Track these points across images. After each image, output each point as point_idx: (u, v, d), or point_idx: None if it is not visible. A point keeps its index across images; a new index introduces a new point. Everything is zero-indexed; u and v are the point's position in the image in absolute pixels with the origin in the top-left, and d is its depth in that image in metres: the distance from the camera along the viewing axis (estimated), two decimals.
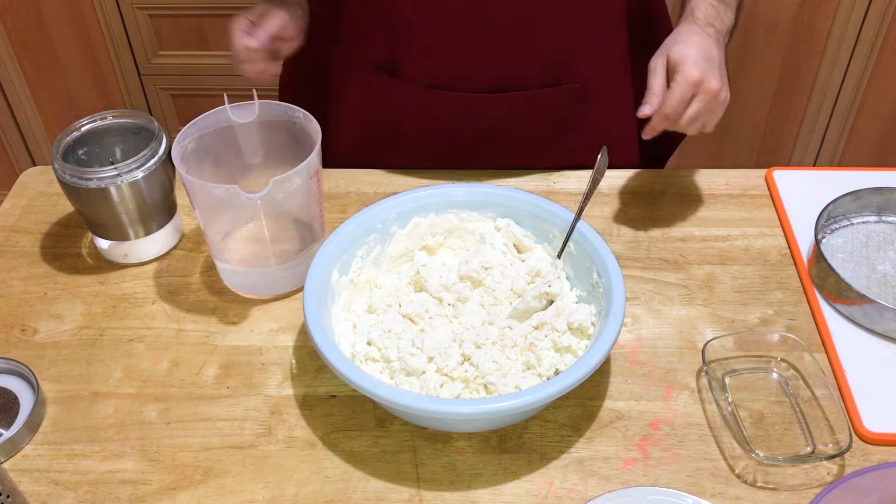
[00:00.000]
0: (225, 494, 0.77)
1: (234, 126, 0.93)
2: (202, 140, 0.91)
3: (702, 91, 0.88)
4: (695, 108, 0.89)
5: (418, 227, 0.93)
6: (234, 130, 0.93)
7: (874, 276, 0.95)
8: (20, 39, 1.95)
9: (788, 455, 0.79)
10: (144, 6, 1.89)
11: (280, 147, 0.94)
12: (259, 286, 0.95)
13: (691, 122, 0.90)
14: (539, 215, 0.92)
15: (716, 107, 0.91)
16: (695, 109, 0.89)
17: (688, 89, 0.88)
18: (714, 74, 0.89)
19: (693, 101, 0.89)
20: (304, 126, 0.92)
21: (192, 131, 0.90)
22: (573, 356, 0.83)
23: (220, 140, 0.93)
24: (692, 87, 0.88)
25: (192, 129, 0.90)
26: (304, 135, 0.91)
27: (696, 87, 0.88)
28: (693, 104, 0.89)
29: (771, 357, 0.86)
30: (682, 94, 0.88)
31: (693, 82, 0.88)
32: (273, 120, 0.93)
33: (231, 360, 0.89)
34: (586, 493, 0.77)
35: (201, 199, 0.88)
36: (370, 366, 0.84)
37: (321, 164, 0.90)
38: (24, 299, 0.96)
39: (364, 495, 0.77)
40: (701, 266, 0.98)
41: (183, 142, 0.89)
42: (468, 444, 0.81)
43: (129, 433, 0.83)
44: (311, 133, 0.90)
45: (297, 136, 0.92)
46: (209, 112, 0.91)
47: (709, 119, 0.92)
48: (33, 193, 1.10)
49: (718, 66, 0.90)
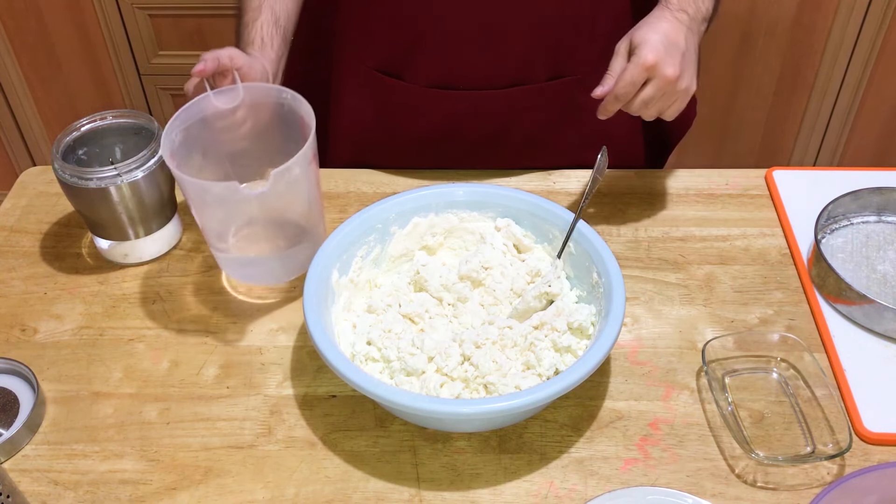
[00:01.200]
0: (225, 494, 0.77)
1: (219, 113, 0.89)
2: (188, 131, 0.88)
3: (656, 76, 0.86)
4: (647, 93, 0.88)
5: (418, 227, 0.93)
6: (219, 118, 0.89)
7: (874, 276, 0.95)
8: (20, 39, 1.95)
9: (788, 455, 0.79)
10: (144, 6, 1.89)
11: (269, 131, 0.91)
12: (258, 275, 0.94)
13: (643, 106, 0.89)
14: (539, 215, 0.92)
15: (674, 94, 0.89)
16: (647, 94, 0.88)
17: (639, 72, 0.86)
18: (672, 61, 0.87)
19: (647, 85, 0.87)
20: (294, 107, 0.88)
21: (178, 124, 0.87)
22: (573, 356, 0.83)
23: (206, 129, 0.89)
24: (644, 71, 0.86)
25: (177, 122, 0.87)
26: (294, 116, 0.88)
27: (650, 71, 0.86)
28: (646, 88, 0.87)
29: (771, 357, 0.86)
30: (633, 77, 0.86)
31: (646, 66, 0.86)
32: (260, 103, 0.90)
33: (231, 360, 0.89)
34: (586, 493, 0.77)
35: (197, 196, 0.86)
36: (370, 366, 0.84)
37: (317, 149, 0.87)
38: (24, 299, 0.96)
39: (364, 495, 0.77)
40: (701, 266, 0.98)
41: (170, 136, 0.86)
42: (468, 444, 0.81)
43: (129, 433, 0.83)
44: (303, 115, 0.86)
45: (286, 118, 0.89)
46: (192, 101, 0.88)
47: (665, 106, 0.90)
48: (33, 193, 1.10)
49: (682, 53, 0.88)
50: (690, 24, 0.91)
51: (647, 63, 0.85)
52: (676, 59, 0.87)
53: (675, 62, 0.87)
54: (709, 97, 1.96)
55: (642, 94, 0.88)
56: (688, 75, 0.89)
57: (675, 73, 0.86)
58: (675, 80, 0.87)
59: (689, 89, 0.90)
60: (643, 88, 0.88)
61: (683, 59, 0.88)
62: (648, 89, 0.87)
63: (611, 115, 0.91)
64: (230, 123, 0.91)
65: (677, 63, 0.87)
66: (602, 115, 0.91)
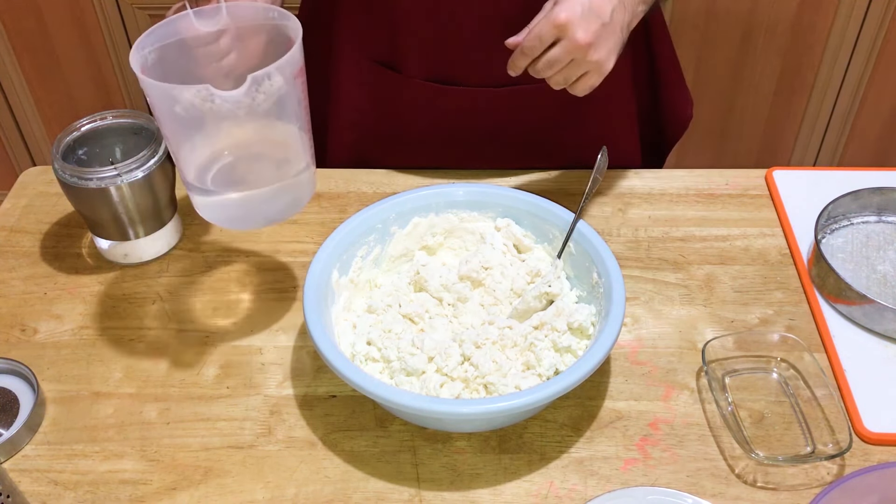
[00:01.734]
0: (225, 494, 0.77)
1: (200, 37, 0.79)
2: (164, 52, 0.77)
3: (566, 37, 0.82)
4: (553, 53, 0.84)
5: (418, 227, 0.93)
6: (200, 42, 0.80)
7: (874, 276, 0.95)
8: (20, 39, 1.95)
9: (788, 455, 0.79)
10: (144, 6, 1.89)
11: (257, 56, 0.82)
12: (243, 217, 0.86)
13: (548, 67, 0.85)
14: (539, 215, 0.92)
15: (583, 63, 0.84)
16: (553, 54, 0.84)
17: (548, 29, 0.82)
18: (587, 26, 0.82)
19: (555, 45, 0.83)
20: (282, 26, 0.79)
21: (152, 40, 0.76)
22: (573, 356, 0.83)
23: (184, 56, 0.79)
24: (554, 29, 0.82)
25: (151, 38, 0.76)
26: (283, 37, 0.78)
27: (560, 30, 0.82)
28: (554, 48, 0.84)
29: (771, 357, 0.86)
30: (541, 32, 0.83)
31: (556, 23, 0.81)
32: (246, 25, 0.80)
33: (231, 360, 0.89)
34: (586, 493, 0.77)
35: (167, 109, 0.76)
36: (370, 366, 0.84)
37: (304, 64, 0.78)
38: (24, 299, 0.96)
39: (364, 495, 0.77)
40: (701, 266, 0.98)
41: (142, 51, 0.76)
42: (468, 444, 0.81)
43: (129, 433, 0.83)
44: (290, 33, 0.78)
45: (275, 40, 0.80)
46: (169, 19, 0.78)
47: (571, 74, 0.86)
48: (33, 193, 1.10)
49: (602, 24, 0.83)
50: (625, 1, 0.87)
51: (558, 21, 0.81)
52: (593, 26, 0.82)
53: (590, 29, 0.82)
54: (709, 97, 1.96)
55: (548, 55, 0.84)
56: (604, 49, 0.84)
57: (585, 39, 0.82)
58: (586, 47, 0.82)
59: (603, 64, 0.85)
60: (551, 48, 0.84)
61: (603, 30, 0.83)
62: (555, 50, 0.83)
63: (519, 71, 0.87)
64: (212, 52, 0.83)
65: (592, 30, 0.82)
66: (511, 69, 0.88)
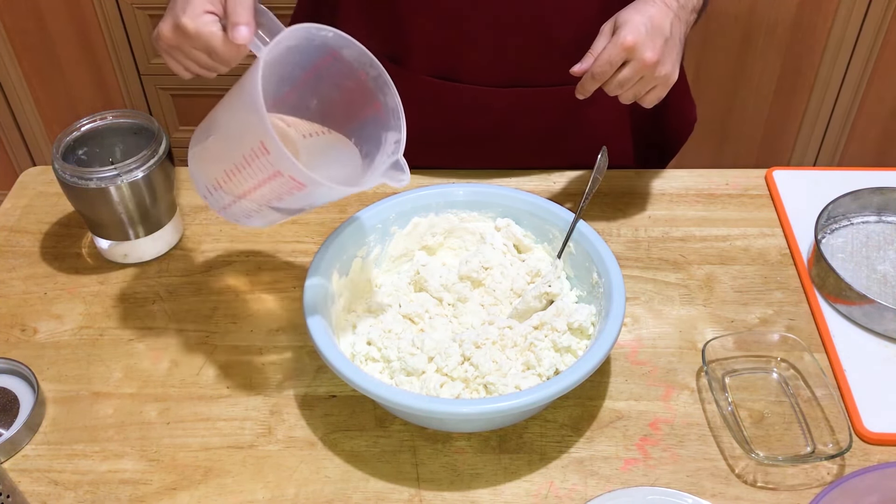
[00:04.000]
0: (225, 494, 0.77)
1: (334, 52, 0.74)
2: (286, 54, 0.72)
3: (635, 58, 0.85)
4: (624, 74, 0.86)
5: (418, 227, 0.93)
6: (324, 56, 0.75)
7: (874, 276, 0.95)
8: (20, 39, 1.95)
9: (788, 455, 0.79)
10: (144, 6, 1.89)
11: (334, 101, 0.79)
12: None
13: (619, 87, 0.87)
14: (539, 215, 0.92)
15: (652, 80, 0.87)
16: (624, 75, 0.86)
17: (617, 52, 0.84)
18: (653, 45, 0.84)
19: (625, 66, 0.86)
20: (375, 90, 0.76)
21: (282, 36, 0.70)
22: (573, 356, 0.83)
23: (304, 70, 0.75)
24: (623, 52, 0.84)
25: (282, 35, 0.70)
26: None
27: (629, 52, 0.84)
28: (624, 69, 0.86)
29: (771, 357, 0.86)
30: (611, 56, 0.85)
31: (625, 46, 0.84)
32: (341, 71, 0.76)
33: (231, 360, 0.89)
34: (586, 493, 0.77)
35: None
36: (370, 366, 0.84)
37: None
38: (24, 299, 0.96)
39: (364, 495, 0.77)
40: (701, 266, 0.98)
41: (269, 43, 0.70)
42: (468, 444, 0.81)
43: (129, 433, 0.83)
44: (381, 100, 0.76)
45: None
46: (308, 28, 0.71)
47: (641, 90, 0.88)
48: (33, 193, 1.10)
49: (665, 39, 0.86)
50: (679, 12, 0.89)
51: (627, 44, 0.84)
52: (658, 44, 0.85)
53: (656, 46, 0.85)
54: (709, 97, 1.96)
55: (619, 76, 0.86)
56: (669, 62, 0.87)
57: (654, 58, 0.85)
58: (654, 64, 0.85)
59: (670, 77, 0.88)
60: (621, 69, 0.86)
61: (666, 46, 0.86)
62: (626, 71, 0.86)
63: (588, 95, 0.90)
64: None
65: (658, 48, 0.85)
66: (580, 94, 0.90)
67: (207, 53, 0.76)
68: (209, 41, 0.74)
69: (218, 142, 0.77)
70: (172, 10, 0.75)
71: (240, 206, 0.79)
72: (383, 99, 0.78)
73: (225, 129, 0.76)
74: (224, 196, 0.79)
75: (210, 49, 0.74)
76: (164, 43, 0.77)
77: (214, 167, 0.77)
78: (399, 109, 0.78)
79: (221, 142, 0.77)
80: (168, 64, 0.79)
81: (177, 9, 0.75)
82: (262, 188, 0.74)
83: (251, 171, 0.73)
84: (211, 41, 0.74)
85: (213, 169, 0.77)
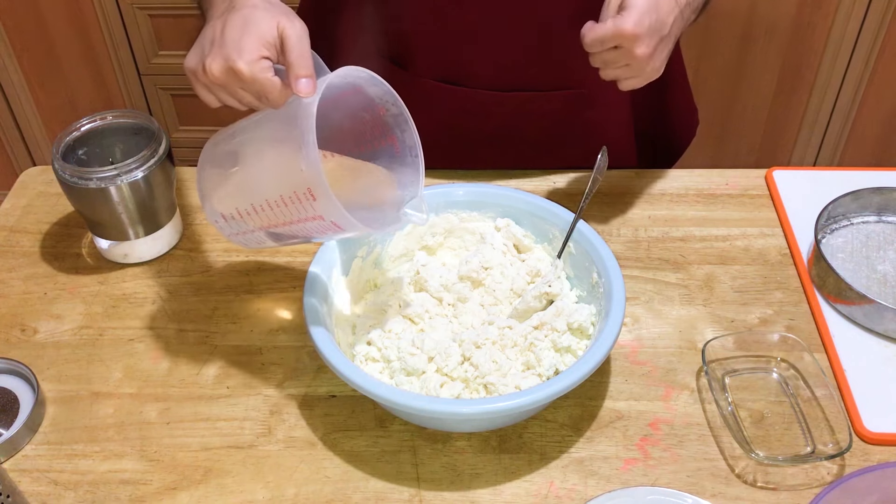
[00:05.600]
0: (225, 494, 0.77)
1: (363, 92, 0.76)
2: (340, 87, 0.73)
3: (626, 48, 0.84)
4: (612, 56, 0.85)
5: (418, 227, 0.93)
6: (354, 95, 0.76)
7: (874, 276, 0.95)
8: (20, 39, 1.95)
9: (788, 455, 0.79)
10: (144, 6, 1.89)
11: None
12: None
13: (603, 64, 0.87)
14: (539, 215, 0.92)
15: (637, 71, 0.87)
16: (612, 56, 0.86)
17: (612, 37, 0.83)
18: (650, 41, 0.84)
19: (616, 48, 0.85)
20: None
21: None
22: (573, 356, 0.83)
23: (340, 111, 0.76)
24: (618, 38, 0.83)
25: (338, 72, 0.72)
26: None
27: (624, 40, 0.83)
28: (613, 52, 0.85)
29: (771, 357, 0.86)
30: (604, 36, 0.83)
31: (622, 34, 0.82)
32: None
33: (231, 360, 0.89)
34: (586, 493, 0.77)
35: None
36: (370, 366, 0.84)
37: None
38: (24, 299, 0.96)
39: (364, 495, 0.77)
40: (701, 266, 0.98)
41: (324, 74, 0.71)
42: (468, 444, 0.81)
43: (129, 433, 0.83)
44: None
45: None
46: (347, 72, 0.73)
47: (624, 75, 0.88)
48: (33, 193, 1.10)
49: (661, 38, 0.86)
50: (684, 10, 0.90)
51: (625, 32, 0.82)
52: (654, 41, 0.85)
53: (652, 43, 0.84)
54: (709, 97, 1.96)
55: (606, 55, 0.86)
56: (658, 60, 0.87)
57: (646, 53, 0.84)
58: (644, 59, 0.85)
59: (655, 74, 0.88)
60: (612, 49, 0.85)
61: (660, 43, 0.86)
62: (614, 53, 0.85)
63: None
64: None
65: (653, 44, 0.85)
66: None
67: (258, 98, 0.74)
68: (264, 88, 0.71)
69: (249, 175, 0.75)
70: (221, 49, 0.71)
71: (255, 235, 0.78)
72: (400, 135, 0.78)
73: (258, 164, 0.74)
74: (241, 225, 0.77)
75: (263, 95, 0.72)
76: (211, 81, 0.73)
77: (239, 199, 0.75)
78: (417, 146, 0.78)
79: (254, 177, 0.75)
80: (199, 94, 0.76)
81: (227, 49, 0.71)
82: (294, 225, 0.73)
83: (286, 210, 0.72)
84: (266, 88, 0.71)
85: (236, 200, 0.76)
